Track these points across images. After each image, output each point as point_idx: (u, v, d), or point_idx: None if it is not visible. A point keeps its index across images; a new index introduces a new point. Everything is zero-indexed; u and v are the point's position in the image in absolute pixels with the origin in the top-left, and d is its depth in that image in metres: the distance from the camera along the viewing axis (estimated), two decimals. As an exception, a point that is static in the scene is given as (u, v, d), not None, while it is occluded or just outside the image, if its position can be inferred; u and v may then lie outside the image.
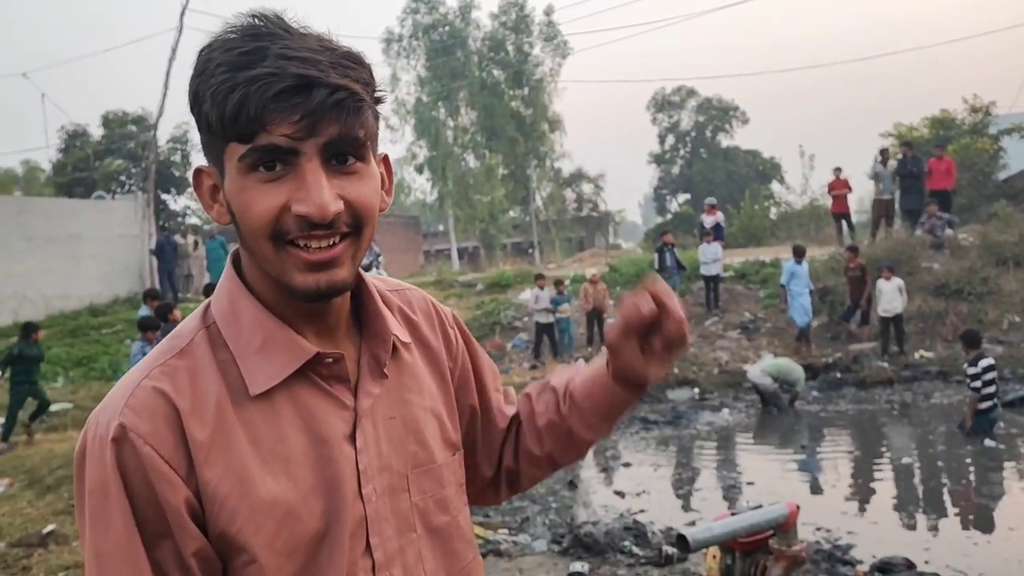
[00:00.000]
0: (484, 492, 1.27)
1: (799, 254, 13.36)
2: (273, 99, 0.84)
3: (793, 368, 11.17)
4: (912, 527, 6.54)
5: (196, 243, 20.03)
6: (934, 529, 6.43)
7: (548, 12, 39.79)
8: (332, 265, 0.90)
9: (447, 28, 39.21)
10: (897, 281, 12.69)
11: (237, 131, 0.86)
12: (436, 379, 1.12)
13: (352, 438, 0.97)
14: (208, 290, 10.97)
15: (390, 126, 37.59)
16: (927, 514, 6.88)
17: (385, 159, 1.01)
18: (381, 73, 0.94)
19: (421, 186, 41.43)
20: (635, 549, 5.74)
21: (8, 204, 20.58)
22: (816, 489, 7.83)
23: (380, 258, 16.63)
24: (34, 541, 6.15)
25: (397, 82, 37.89)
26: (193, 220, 30.47)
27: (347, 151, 0.89)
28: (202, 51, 0.89)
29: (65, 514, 6.86)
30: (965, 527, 6.56)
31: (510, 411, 1.25)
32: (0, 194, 28.12)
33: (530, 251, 38.40)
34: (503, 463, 1.25)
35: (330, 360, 0.96)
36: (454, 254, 37.64)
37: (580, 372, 1.22)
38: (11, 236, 18.20)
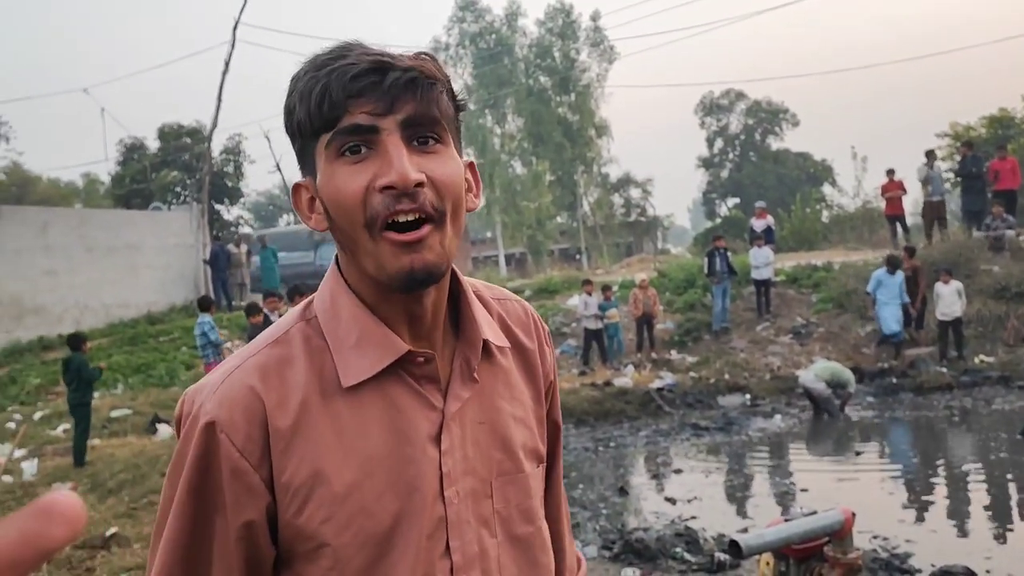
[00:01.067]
0: None
1: (893, 264, 12.82)
2: (351, 81, 0.91)
3: (844, 371, 11.05)
4: (973, 535, 6.37)
5: (249, 252, 20.39)
6: (996, 538, 6.26)
7: (595, 17, 39.80)
8: (421, 246, 0.93)
9: (493, 36, 39.43)
10: (956, 284, 12.39)
11: (323, 119, 0.92)
12: (530, 389, 1.12)
13: (437, 439, 0.98)
14: (267, 296, 10.98)
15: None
16: (989, 522, 6.70)
17: (471, 165, 1.06)
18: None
19: (469, 193, 41.63)
20: (687, 555, 5.70)
21: (70, 216, 21.23)
22: (872, 496, 7.67)
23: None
24: (97, 543, 6.32)
25: (444, 90, 38.18)
26: (246, 230, 31.06)
27: (425, 131, 0.94)
28: (294, 76, 0.97)
29: (127, 517, 7.05)
30: (1029, 536, 6.37)
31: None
32: (62, 206, 28.97)
33: (577, 257, 38.35)
34: None
35: (421, 359, 0.98)
36: (502, 260, 37.76)
37: None
38: (73, 247, 18.75)
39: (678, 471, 8.78)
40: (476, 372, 1.03)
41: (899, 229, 17.06)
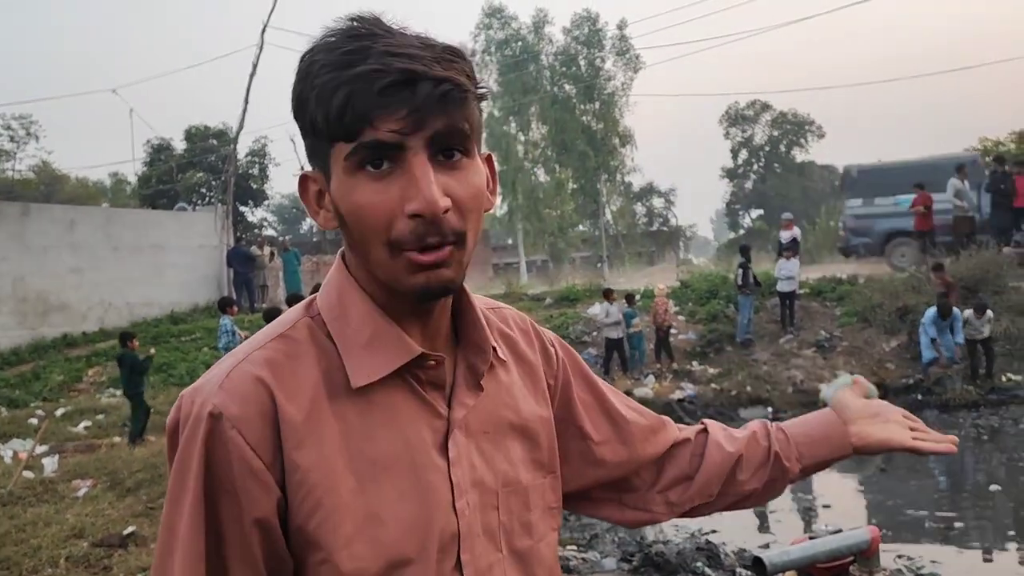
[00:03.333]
0: (649, 504, 1.24)
1: (944, 313, 12.01)
2: (379, 95, 0.84)
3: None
4: (999, 557, 6.25)
5: (272, 255, 20.51)
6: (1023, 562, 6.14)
7: (621, 26, 39.77)
8: (440, 266, 0.90)
9: (520, 43, 39.49)
10: (988, 314, 12.16)
11: (343, 129, 0.86)
12: (533, 396, 1.09)
13: (444, 448, 0.95)
14: (291, 300, 11.06)
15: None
16: (1016, 543, 6.57)
17: (488, 159, 1.00)
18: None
19: (491, 200, 41.74)
20: (708, 571, 5.62)
21: (97, 215, 21.42)
22: (896, 514, 7.55)
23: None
24: (115, 542, 6.33)
25: (469, 96, 38.36)
26: (269, 232, 31.26)
27: (453, 145, 0.89)
28: (304, 56, 0.90)
29: (144, 516, 7.06)
30: (1058, 560, 6.24)
31: (669, 434, 1.25)
32: (90, 205, 29.31)
33: (599, 265, 38.27)
34: (669, 480, 1.23)
35: (432, 363, 0.94)
36: (523, 267, 37.74)
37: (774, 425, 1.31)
38: (99, 246, 18.94)
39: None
40: (483, 380, 1.00)
41: (927, 244, 16.79)
